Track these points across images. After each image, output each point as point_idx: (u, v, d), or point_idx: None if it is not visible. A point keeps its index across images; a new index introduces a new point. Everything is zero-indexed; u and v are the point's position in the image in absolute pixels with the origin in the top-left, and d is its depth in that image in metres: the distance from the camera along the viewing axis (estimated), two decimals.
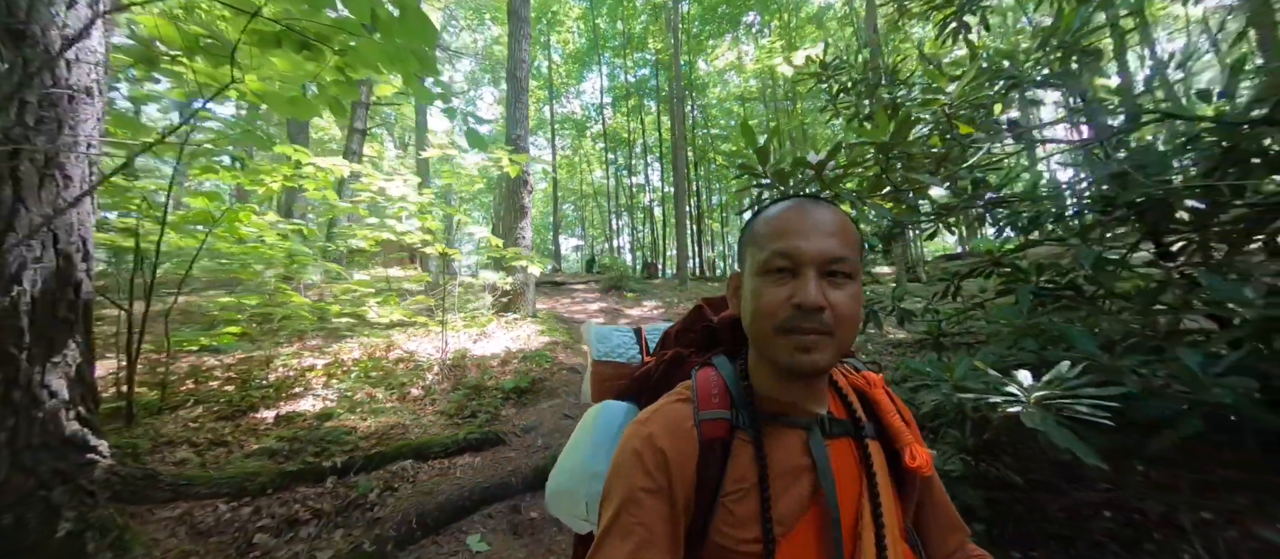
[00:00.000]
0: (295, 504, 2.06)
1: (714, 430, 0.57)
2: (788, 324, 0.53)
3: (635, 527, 0.52)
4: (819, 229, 0.54)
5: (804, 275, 0.53)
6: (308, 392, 3.43)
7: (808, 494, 0.55)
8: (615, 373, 0.81)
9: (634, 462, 0.55)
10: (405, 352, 4.39)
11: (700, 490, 0.55)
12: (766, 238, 0.56)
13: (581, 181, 26.49)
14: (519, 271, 5.69)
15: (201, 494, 2.00)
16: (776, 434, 0.58)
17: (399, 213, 4.07)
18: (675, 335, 0.78)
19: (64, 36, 1.86)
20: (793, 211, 0.57)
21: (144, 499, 1.92)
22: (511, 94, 6.08)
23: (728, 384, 0.61)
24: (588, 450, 0.68)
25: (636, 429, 0.58)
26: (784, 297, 0.53)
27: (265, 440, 2.63)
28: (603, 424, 0.70)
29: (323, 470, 2.30)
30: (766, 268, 0.55)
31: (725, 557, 0.54)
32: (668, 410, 0.60)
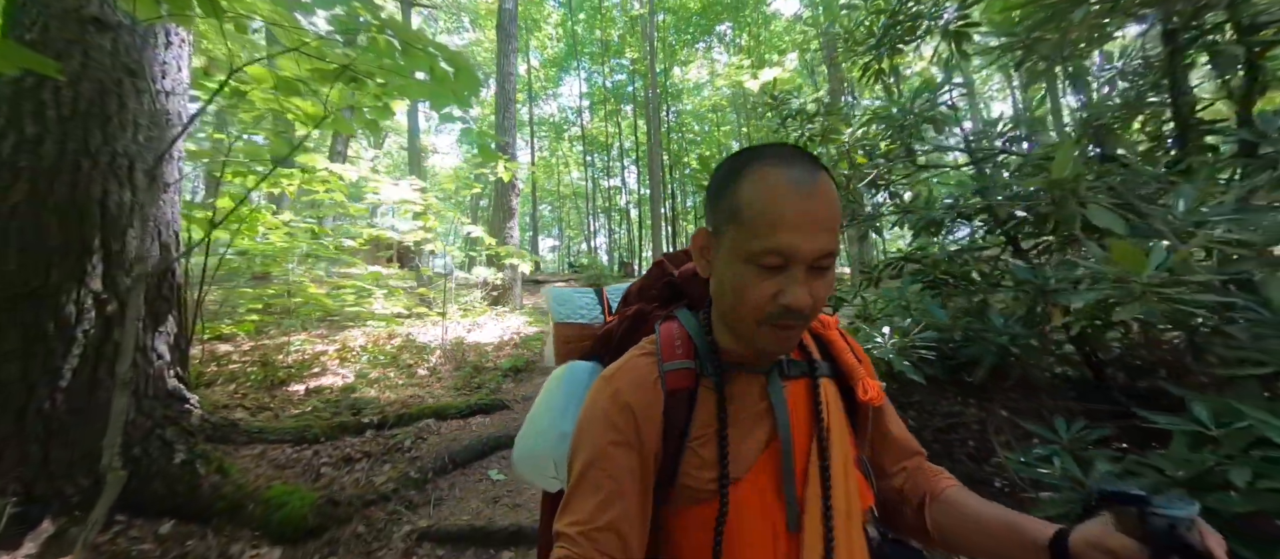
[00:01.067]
0: (347, 448, 2.57)
1: (678, 381, 0.58)
2: (772, 318, 0.52)
3: (604, 480, 0.54)
4: (816, 223, 0.50)
5: (793, 273, 0.51)
6: (325, 371, 3.88)
7: (767, 434, 0.58)
8: (578, 334, 0.81)
9: (601, 417, 0.57)
10: (406, 339, 4.85)
11: (667, 438, 0.57)
12: (758, 224, 0.51)
13: (559, 183, 26.86)
14: (509, 268, 6.19)
15: (272, 439, 2.48)
16: (738, 380, 0.60)
17: (405, 213, 4.53)
18: (637, 292, 0.79)
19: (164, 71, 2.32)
20: (789, 195, 0.50)
21: (228, 441, 2.39)
22: (500, 103, 6.59)
23: (691, 335, 0.62)
24: (554, 412, 0.68)
25: (602, 385, 0.60)
26: (771, 293, 0.51)
27: (303, 407, 3.10)
28: (567, 384, 0.70)
29: (362, 425, 2.80)
30: (754, 259, 0.51)
31: (694, 496, 0.57)
32: (632, 365, 0.61)
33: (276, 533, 1.94)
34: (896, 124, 2.62)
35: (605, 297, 0.86)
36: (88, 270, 2.03)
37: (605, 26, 19.31)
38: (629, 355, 0.63)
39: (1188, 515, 0.43)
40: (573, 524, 0.53)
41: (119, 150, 2.12)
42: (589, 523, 0.52)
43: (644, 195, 22.27)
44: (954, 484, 0.67)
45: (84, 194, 2.03)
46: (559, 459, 0.64)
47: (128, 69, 2.17)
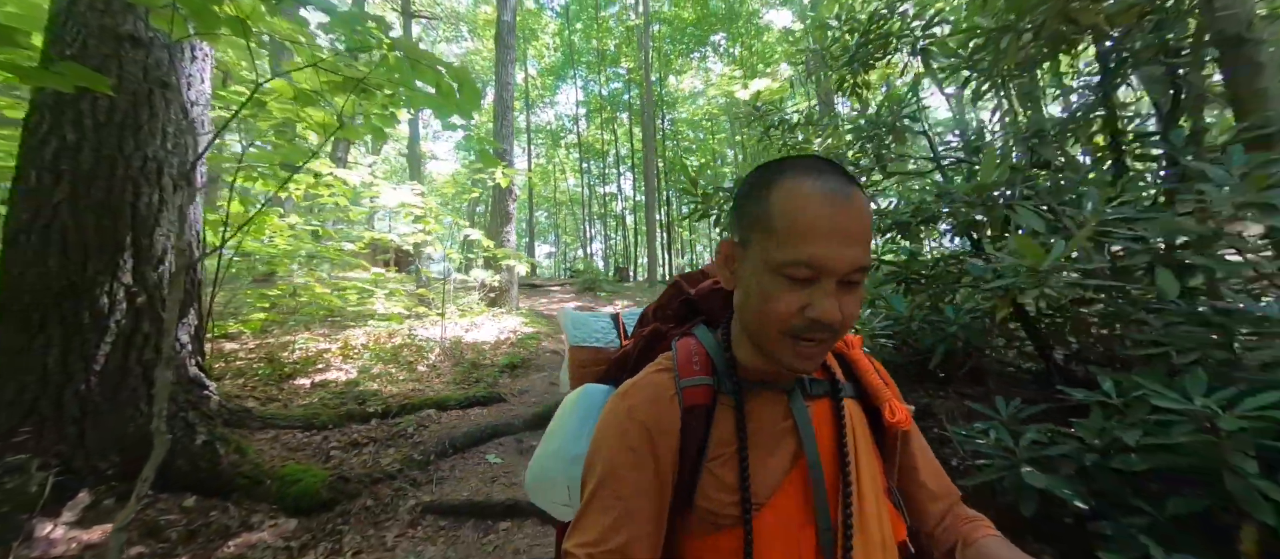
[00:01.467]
0: (353, 434, 2.74)
1: (696, 397, 0.56)
2: (798, 332, 0.50)
3: (615, 501, 0.52)
4: (849, 236, 0.48)
5: (824, 286, 0.48)
6: (329, 367, 4.05)
7: (791, 455, 0.56)
8: (593, 358, 0.80)
9: (615, 435, 0.55)
10: (406, 337, 5.03)
11: (683, 457, 0.54)
12: (788, 234, 0.49)
13: (555, 189, 27.11)
14: (505, 270, 6.39)
15: (283, 425, 2.66)
16: (759, 398, 0.58)
17: (407, 216, 4.72)
18: (653, 312, 0.78)
19: (189, 83, 2.52)
20: (826, 204, 0.49)
21: (243, 426, 2.56)
22: (498, 112, 6.81)
23: (709, 352, 0.60)
24: (568, 435, 0.66)
25: (616, 403, 0.58)
26: (798, 305, 0.49)
27: (309, 399, 3.28)
28: (582, 407, 0.69)
29: (368, 414, 2.97)
30: (783, 270, 0.49)
31: (714, 521, 0.54)
32: (648, 381, 0.59)
33: (292, 506, 2.12)
34: (864, 135, 2.85)
35: (621, 321, 0.85)
36: (120, 266, 2.21)
37: (602, 36, 19.67)
38: (645, 372, 0.61)
39: None
40: (581, 545, 0.51)
41: (149, 155, 2.31)
42: (598, 545, 0.50)
43: (639, 202, 22.54)
44: (992, 534, 0.61)
45: (118, 196, 2.22)
46: (572, 483, 0.62)
47: (159, 81, 2.36)
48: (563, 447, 0.66)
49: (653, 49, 16.78)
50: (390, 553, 1.94)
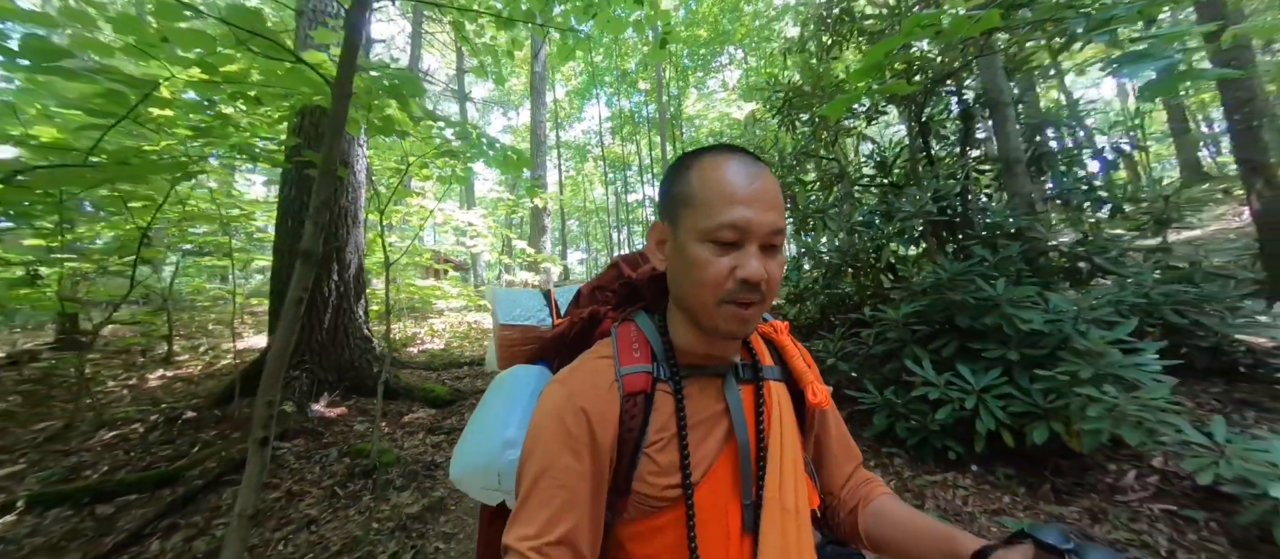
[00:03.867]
0: (454, 372, 4.34)
1: (635, 383, 0.58)
2: (731, 296, 0.54)
3: (557, 490, 0.52)
4: (765, 199, 0.54)
5: (748, 249, 0.53)
6: (425, 341, 5.73)
7: (723, 436, 0.60)
8: (524, 337, 0.77)
9: (554, 423, 0.55)
10: (472, 324, 6.69)
11: (622, 444, 0.56)
12: (712, 203, 0.54)
13: (585, 199, 28.94)
14: (543, 271, 8.01)
15: (414, 366, 4.28)
16: (695, 384, 0.61)
17: (472, 232, 6.39)
18: (590, 293, 0.77)
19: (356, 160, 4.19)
20: (734, 174, 0.54)
21: (393, 365, 4.20)
22: (533, 147, 8.49)
23: (648, 338, 0.62)
24: (498, 419, 0.65)
25: (556, 389, 0.58)
26: (728, 269, 0.53)
27: (419, 357, 4.92)
28: (513, 390, 0.68)
29: (460, 361, 4.58)
30: (710, 237, 0.54)
31: (648, 504, 0.56)
32: (587, 367, 0.60)
33: (431, 402, 3.71)
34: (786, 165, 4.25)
35: (554, 298, 0.84)
36: (332, 271, 3.87)
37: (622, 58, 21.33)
38: (584, 358, 0.62)
39: None
40: (523, 538, 0.51)
41: (343, 205, 3.98)
42: (540, 537, 0.50)
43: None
44: (886, 492, 0.69)
45: (332, 229, 3.89)
46: (504, 469, 0.61)
47: (344, 161, 4.04)
48: (494, 431, 0.64)
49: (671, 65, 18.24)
50: None
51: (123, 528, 2.23)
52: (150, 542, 2.16)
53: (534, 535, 0.51)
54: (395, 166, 4.54)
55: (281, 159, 3.27)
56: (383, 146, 4.54)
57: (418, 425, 3.39)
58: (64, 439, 3.14)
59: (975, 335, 2.49)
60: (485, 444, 0.64)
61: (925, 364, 2.46)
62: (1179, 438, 1.81)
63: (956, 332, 2.56)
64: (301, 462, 2.82)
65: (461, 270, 9.95)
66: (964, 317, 2.51)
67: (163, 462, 2.80)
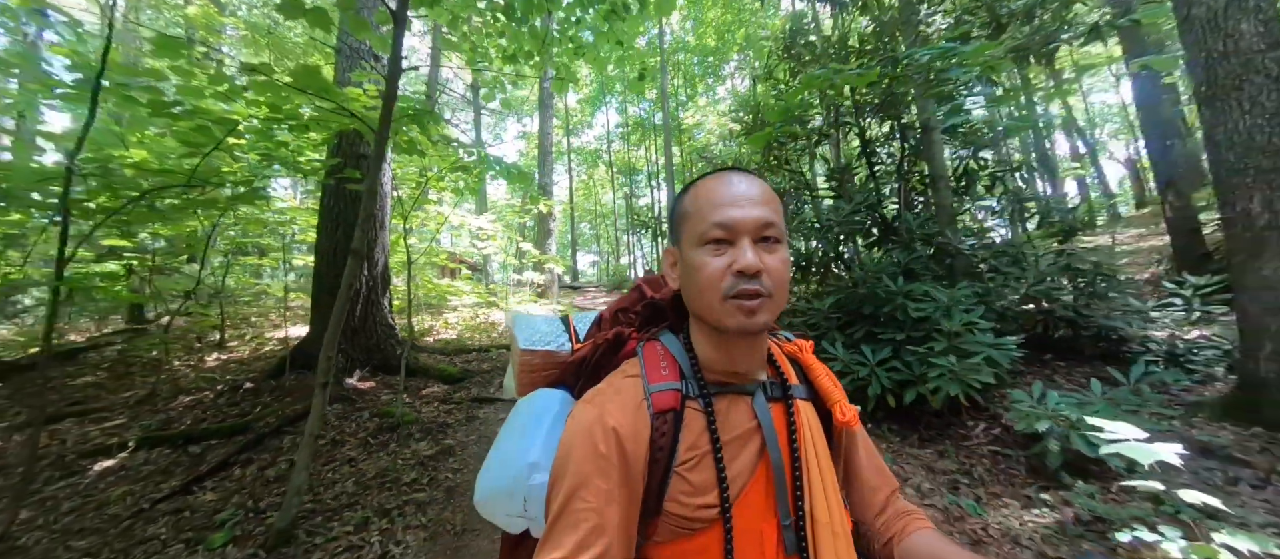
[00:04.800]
0: (465, 357, 5.03)
1: (665, 401, 0.58)
2: (731, 290, 0.55)
3: (588, 513, 0.51)
4: (748, 199, 0.57)
5: (740, 244, 0.56)
6: (440, 333, 6.45)
7: (755, 455, 0.59)
8: (545, 362, 0.77)
9: (584, 444, 0.54)
10: (483, 318, 7.40)
11: (653, 462, 0.55)
12: (700, 212, 0.58)
13: (596, 203, 29.72)
14: (549, 272, 8.70)
15: (430, 350, 4.99)
16: (724, 400, 0.60)
17: (483, 236, 7.10)
18: (614, 315, 0.78)
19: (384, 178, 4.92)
20: (722, 184, 0.59)
21: (413, 349, 4.91)
22: (541, 157, 9.19)
23: (675, 356, 0.63)
24: (522, 444, 0.63)
25: (585, 409, 0.58)
26: (725, 265, 0.56)
27: (435, 345, 5.63)
28: (537, 413, 0.67)
29: (470, 348, 5.28)
30: (704, 239, 0.57)
31: (680, 524, 0.55)
32: (616, 387, 0.60)
33: (443, 379, 4.40)
34: None
35: (572, 324, 0.84)
36: (363, 268, 4.59)
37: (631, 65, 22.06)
38: (611, 378, 0.62)
39: None
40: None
41: (373, 213, 4.70)
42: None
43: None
44: (926, 527, 0.66)
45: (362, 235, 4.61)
46: (530, 494, 0.60)
47: None
48: (517, 455, 0.62)
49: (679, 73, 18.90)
50: (490, 404, 4.13)
51: (210, 461, 2.94)
52: (233, 469, 2.87)
53: (564, 558, 0.50)
54: (416, 178, 5.28)
55: (323, 175, 4.01)
56: (404, 160, 5.26)
57: (433, 397, 4.07)
58: (150, 403, 3.90)
59: (878, 321, 3.07)
60: (510, 468, 0.62)
61: (838, 344, 3.04)
62: (1018, 402, 2.38)
63: (865, 318, 3.15)
64: (341, 420, 3.52)
65: (475, 270, 10.71)
66: (870, 306, 3.09)
67: (233, 418, 3.52)
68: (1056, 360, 3.32)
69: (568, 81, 4.20)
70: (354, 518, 2.38)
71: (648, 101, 20.97)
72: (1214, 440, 2.06)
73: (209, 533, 2.28)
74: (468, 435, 3.38)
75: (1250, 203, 2.04)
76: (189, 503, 2.55)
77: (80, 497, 2.65)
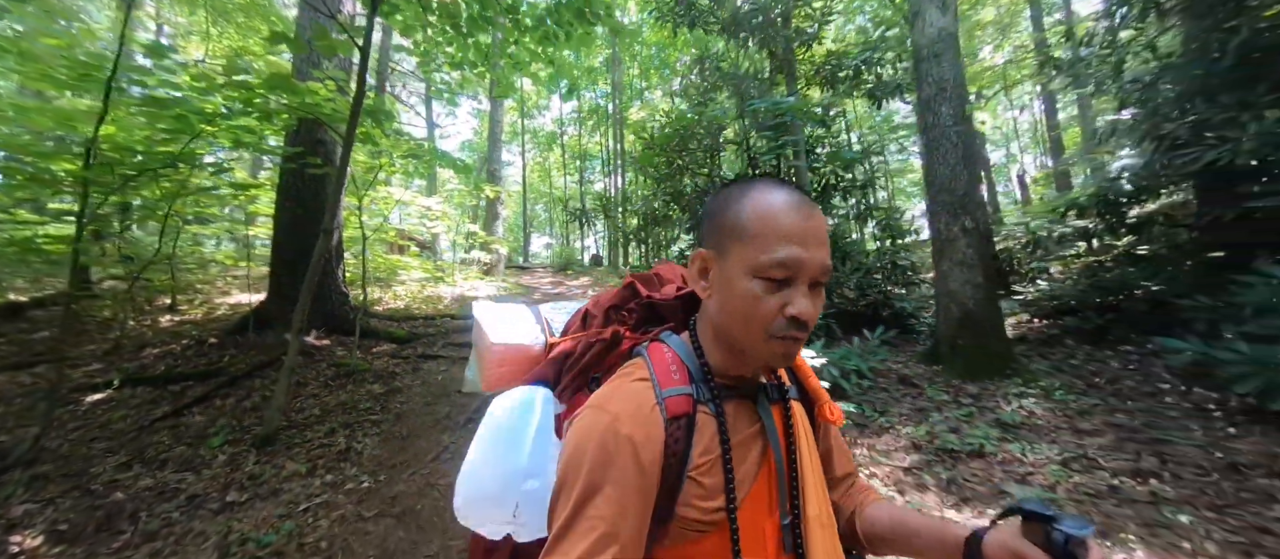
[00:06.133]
0: (413, 322, 5.75)
1: (678, 406, 0.57)
2: (780, 332, 0.54)
3: (597, 521, 0.50)
4: (816, 238, 0.54)
5: (798, 287, 0.54)
6: (388, 304, 7.06)
7: (758, 457, 0.61)
8: (518, 356, 0.76)
9: (598, 450, 0.53)
10: (431, 293, 8.03)
11: (666, 469, 0.55)
12: (764, 238, 0.54)
13: (551, 186, 30.04)
14: (495, 252, 9.38)
15: (381, 317, 5.67)
16: (731, 405, 0.61)
17: (432, 216, 7.70)
18: (606, 312, 0.76)
19: None
20: (795, 213, 0.55)
21: (368, 318, 5.57)
22: (491, 145, 9.76)
23: (684, 360, 0.62)
24: (515, 445, 0.62)
25: (596, 415, 0.56)
26: (778, 306, 0.53)
27: (385, 313, 6.29)
28: (519, 416, 0.65)
29: (417, 316, 5.99)
30: (762, 273, 0.54)
31: (691, 527, 0.55)
32: (626, 392, 0.58)
33: (392, 339, 5.12)
34: None
35: (545, 318, 0.83)
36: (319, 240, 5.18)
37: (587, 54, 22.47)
38: (620, 383, 0.60)
39: (1082, 535, 0.49)
40: None
41: (328, 193, 5.28)
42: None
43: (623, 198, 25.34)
44: (880, 498, 0.74)
45: (319, 215, 5.19)
46: (523, 499, 0.60)
47: (329, 158, 5.32)
48: (503, 458, 0.61)
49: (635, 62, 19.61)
50: (435, 358, 4.90)
51: (191, 396, 3.58)
52: (214, 401, 3.54)
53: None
54: (368, 161, 5.87)
55: (283, 158, 4.59)
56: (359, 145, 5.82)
57: (383, 353, 4.81)
58: (117, 354, 4.39)
59: None
60: (498, 472, 0.61)
61: None
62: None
63: None
64: (302, 370, 4.20)
65: (424, 247, 11.17)
66: None
67: (203, 366, 4.12)
68: (867, 328, 4.53)
69: (508, 89, 4.95)
70: (322, 429, 3.16)
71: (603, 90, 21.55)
72: (910, 373, 3.23)
73: (205, 440, 2.99)
74: (414, 380, 4.17)
75: (939, 222, 3.19)
76: (182, 423, 3.23)
77: (82, 420, 3.25)
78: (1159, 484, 1.97)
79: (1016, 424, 2.58)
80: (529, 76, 4.80)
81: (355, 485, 2.57)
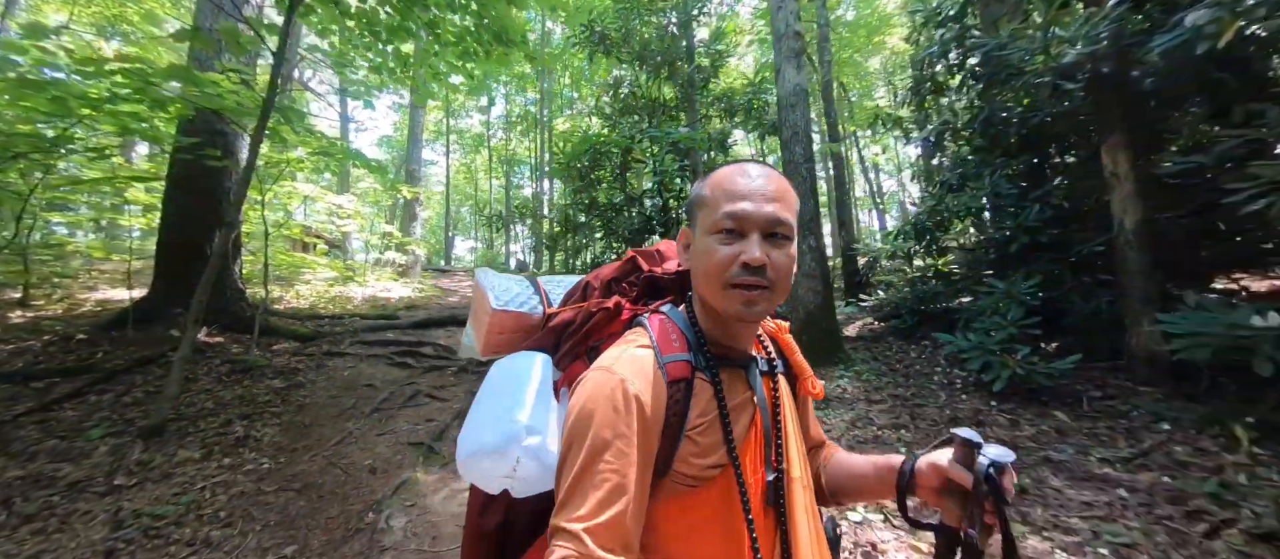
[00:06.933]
0: (318, 322, 5.66)
1: (677, 371, 0.63)
2: (735, 279, 0.60)
3: (608, 474, 0.54)
4: (763, 194, 0.61)
5: (749, 237, 0.60)
6: (290, 303, 6.80)
7: (748, 422, 0.67)
8: (516, 323, 0.81)
9: (606, 408, 0.57)
10: (339, 293, 7.79)
11: (667, 428, 0.60)
12: (716, 201, 0.63)
13: (477, 189, 29.29)
14: (412, 253, 9.24)
15: (281, 315, 5.52)
16: (725, 373, 0.66)
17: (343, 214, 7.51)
18: (606, 283, 0.82)
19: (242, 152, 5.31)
20: (740, 177, 0.63)
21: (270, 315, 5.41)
22: (411, 143, 9.62)
23: (682, 330, 0.68)
24: (510, 404, 0.66)
25: (605, 376, 0.60)
26: (732, 255, 0.60)
27: (286, 311, 6.10)
28: (521, 376, 0.70)
29: (323, 315, 5.89)
30: (716, 228, 0.61)
31: (685, 482, 0.61)
32: (632, 357, 0.63)
33: (295, 337, 5.05)
34: None
35: (542, 287, 0.86)
36: (214, 236, 5.00)
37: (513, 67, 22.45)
38: (624, 348, 0.65)
39: (1004, 461, 0.57)
40: (576, 519, 0.53)
41: (226, 187, 5.11)
42: (593, 518, 0.53)
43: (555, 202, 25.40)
44: (838, 450, 0.84)
45: (215, 205, 5.01)
46: (524, 454, 0.63)
47: (229, 150, 5.15)
48: (505, 415, 0.65)
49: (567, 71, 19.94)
50: (341, 355, 4.91)
51: (61, 392, 3.41)
52: (89, 396, 3.41)
53: (587, 515, 0.53)
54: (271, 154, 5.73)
55: (172, 148, 4.44)
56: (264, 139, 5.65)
57: (284, 351, 4.76)
58: None
59: None
60: (500, 428, 0.64)
61: None
62: None
63: None
64: (191, 366, 4.09)
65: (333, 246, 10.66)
66: None
67: (72, 362, 3.88)
68: None
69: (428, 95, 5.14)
70: (217, 420, 3.20)
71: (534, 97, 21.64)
72: None
73: (81, 433, 2.93)
74: (319, 376, 4.22)
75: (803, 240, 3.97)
76: (52, 418, 3.11)
77: None
78: (907, 434, 2.74)
79: (830, 398, 3.32)
80: (448, 88, 5.05)
81: (255, 467, 2.71)
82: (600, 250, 6.29)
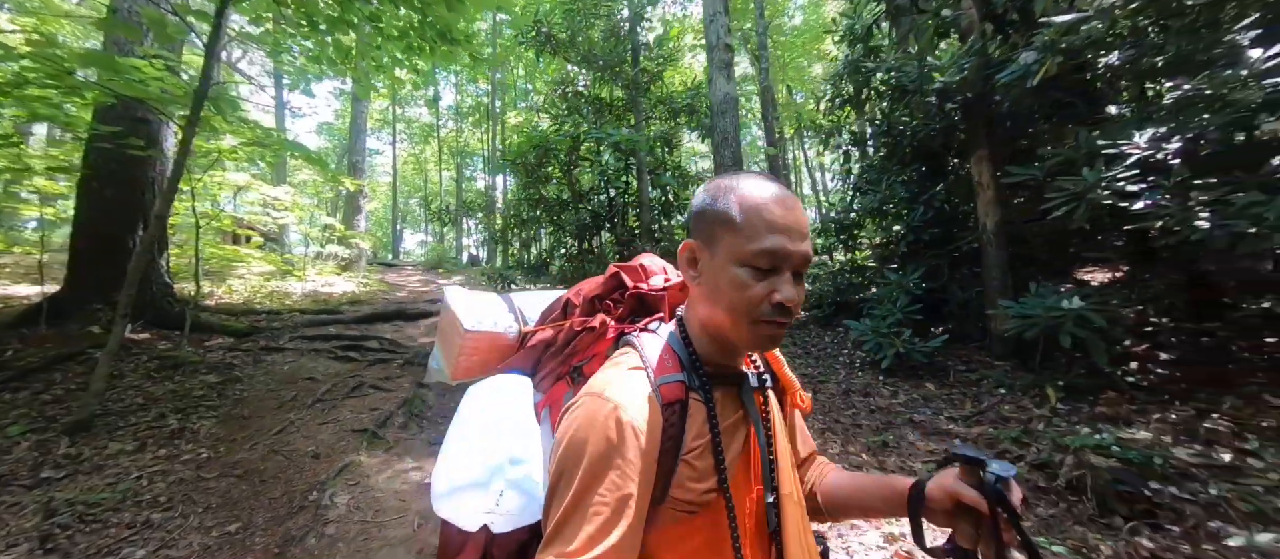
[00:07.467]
0: (254, 317, 5.53)
1: (672, 393, 0.60)
2: (765, 316, 0.57)
3: (600, 506, 0.52)
4: (800, 231, 0.58)
5: (783, 274, 0.57)
6: (222, 298, 6.55)
7: (742, 441, 0.65)
8: (491, 344, 0.78)
9: (599, 438, 0.55)
10: (276, 287, 7.54)
11: (663, 453, 0.58)
12: (753, 229, 0.57)
13: (427, 181, 28.35)
14: (355, 247, 9.00)
15: (214, 311, 5.36)
16: (718, 392, 0.64)
17: (279, 205, 7.27)
18: (590, 301, 0.78)
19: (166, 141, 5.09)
20: (780, 207, 0.58)
21: (201, 311, 5.23)
22: (353, 134, 9.34)
23: (675, 349, 0.65)
24: (492, 435, 0.64)
25: (597, 402, 0.57)
26: (765, 292, 0.57)
27: (219, 306, 5.91)
28: (502, 404, 0.68)
29: (260, 310, 5.76)
30: (750, 262, 0.57)
31: (683, 508, 0.59)
32: (622, 380, 0.60)
33: (230, 333, 4.95)
34: None
35: (518, 306, 0.84)
36: (136, 229, 4.80)
37: None
38: (615, 371, 0.62)
39: (1008, 475, 0.56)
40: (567, 555, 0.50)
41: (149, 177, 4.90)
42: (584, 553, 0.50)
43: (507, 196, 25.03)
44: (836, 468, 0.81)
45: (138, 195, 4.80)
46: (509, 486, 0.61)
47: (153, 140, 4.93)
48: (487, 447, 0.63)
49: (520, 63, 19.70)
50: (280, 350, 4.86)
51: None
52: (3, 393, 3.28)
53: (578, 550, 0.50)
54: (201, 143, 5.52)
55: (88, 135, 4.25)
56: None
57: (218, 347, 4.66)
58: None
59: None
60: (482, 461, 0.62)
61: None
62: None
63: None
64: (117, 364, 3.97)
65: (269, 239, 10.18)
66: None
67: None
68: None
69: (370, 90, 5.14)
70: (149, 414, 3.19)
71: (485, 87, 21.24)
72: None
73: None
74: (256, 371, 4.20)
75: None
76: None
77: None
78: None
79: None
80: (393, 81, 5.08)
81: (193, 456, 2.76)
82: (548, 246, 6.49)
